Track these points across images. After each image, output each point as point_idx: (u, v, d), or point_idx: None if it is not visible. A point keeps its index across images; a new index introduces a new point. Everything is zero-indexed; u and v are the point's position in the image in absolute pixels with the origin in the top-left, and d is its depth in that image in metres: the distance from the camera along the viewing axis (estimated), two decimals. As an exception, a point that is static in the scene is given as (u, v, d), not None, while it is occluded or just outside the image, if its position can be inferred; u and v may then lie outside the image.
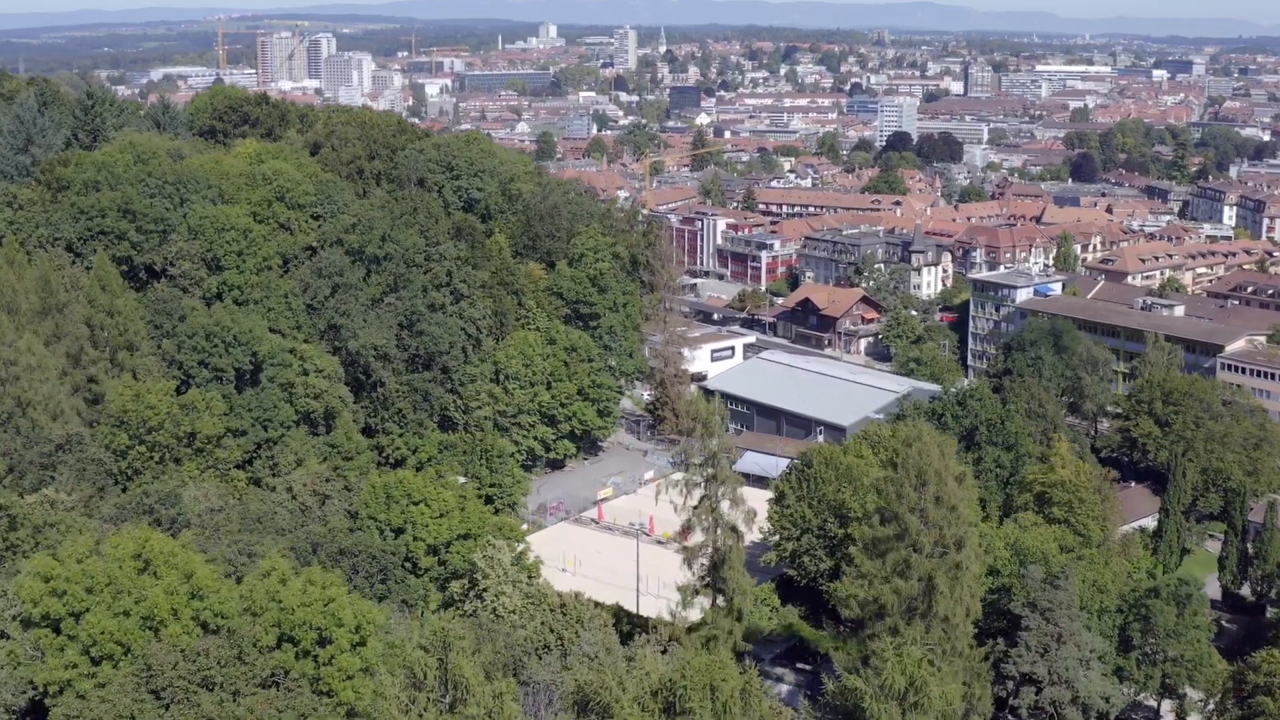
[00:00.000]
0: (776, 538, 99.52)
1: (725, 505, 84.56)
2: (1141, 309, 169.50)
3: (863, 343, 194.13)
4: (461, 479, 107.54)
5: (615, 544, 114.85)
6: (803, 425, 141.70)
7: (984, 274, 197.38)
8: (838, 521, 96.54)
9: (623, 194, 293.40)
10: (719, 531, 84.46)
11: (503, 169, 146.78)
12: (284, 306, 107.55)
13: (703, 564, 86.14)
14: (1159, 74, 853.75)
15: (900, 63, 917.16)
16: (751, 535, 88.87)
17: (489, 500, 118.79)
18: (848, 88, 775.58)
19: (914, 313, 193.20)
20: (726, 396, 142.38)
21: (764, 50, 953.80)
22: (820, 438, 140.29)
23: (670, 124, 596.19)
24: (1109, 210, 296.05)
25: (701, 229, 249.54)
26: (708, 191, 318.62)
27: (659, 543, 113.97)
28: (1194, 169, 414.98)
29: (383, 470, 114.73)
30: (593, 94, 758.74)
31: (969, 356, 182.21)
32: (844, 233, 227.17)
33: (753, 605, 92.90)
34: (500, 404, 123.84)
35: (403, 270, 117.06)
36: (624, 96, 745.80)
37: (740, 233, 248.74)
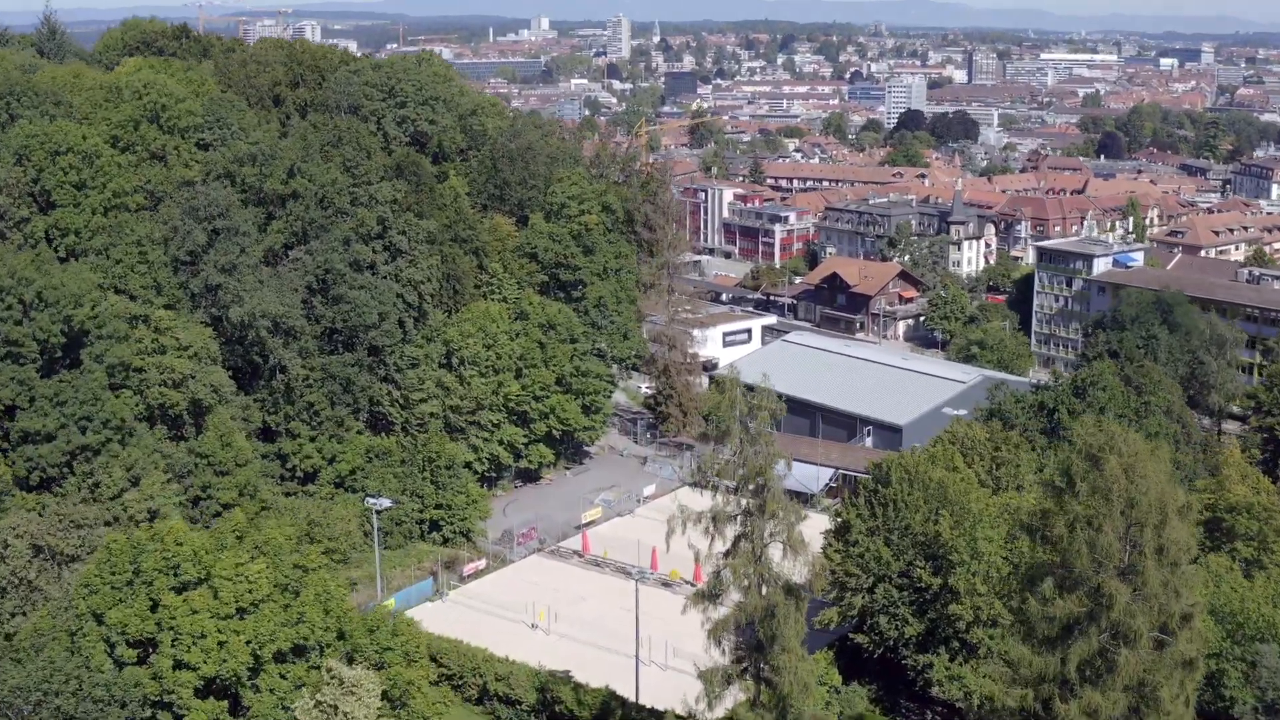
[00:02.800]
0: (837, 589, 68.73)
1: (776, 552, 54.07)
2: (1248, 281, 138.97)
3: (901, 325, 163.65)
4: (385, 501, 76.49)
5: (605, 586, 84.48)
6: (845, 425, 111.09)
7: (1053, 242, 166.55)
8: (930, 567, 65.90)
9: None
10: (765, 592, 53.70)
11: (463, 100, 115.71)
12: (136, 258, 76.50)
13: (739, 640, 55.57)
14: (1167, 62, 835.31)
15: (900, 52, 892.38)
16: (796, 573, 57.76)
17: (435, 527, 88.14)
18: (848, 76, 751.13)
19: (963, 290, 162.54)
20: (745, 389, 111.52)
21: (760, 41, 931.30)
22: (869, 440, 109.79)
23: (666, 109, 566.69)
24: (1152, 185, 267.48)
25: (705, 201, 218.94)
26: (708, 167, 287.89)
27: (665, 584, 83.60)
28: (1225, 150, 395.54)
29: (287, 486, 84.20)
30: (585, 81, 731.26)
31: (1033, 340, 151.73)
32: (870, 202, 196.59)
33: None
34: (452, 397, 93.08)
35: (316, 215, 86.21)
36: (617, 84, 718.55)
37: (749, 204, 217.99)
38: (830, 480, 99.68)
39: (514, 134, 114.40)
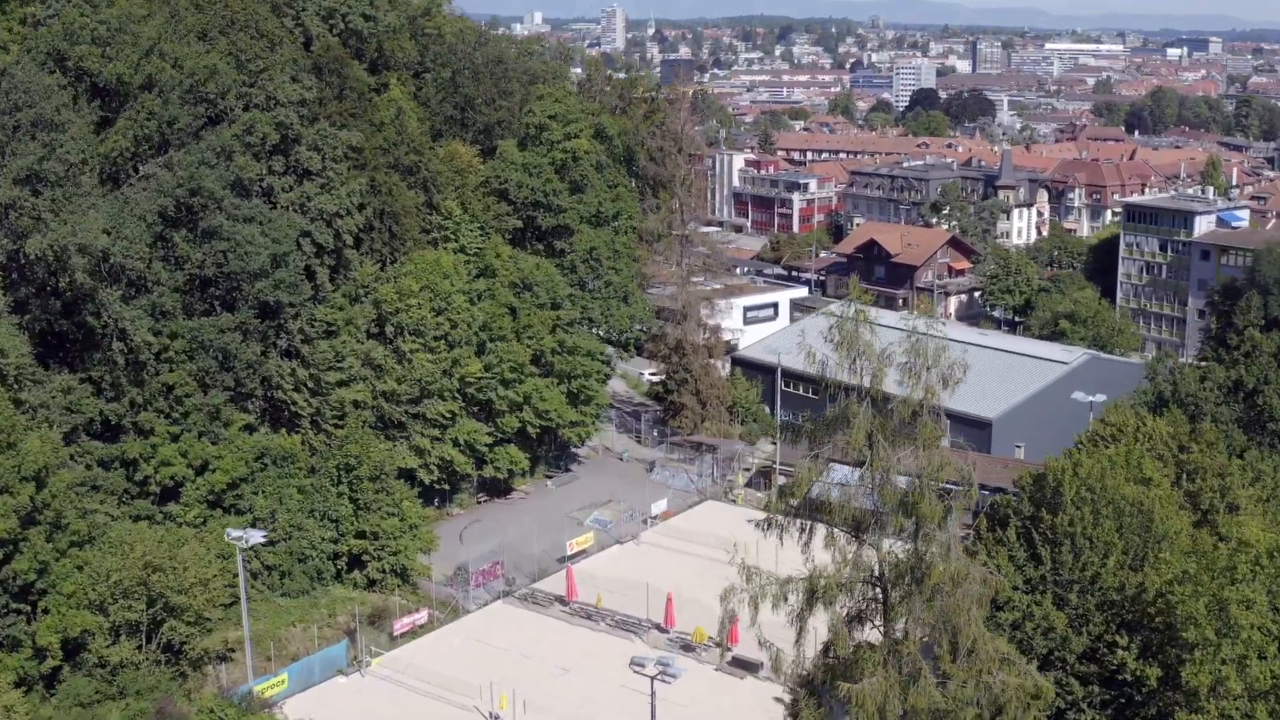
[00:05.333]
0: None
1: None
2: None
3: (952, 301, 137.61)
4: (256, 535, 49.90)
5: (600, 649, 58.50)
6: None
7: (1144, 199, 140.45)
8: (1136, 645, 39.71)
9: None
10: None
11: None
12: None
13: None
14: (1174, 52, 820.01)
15: (900, 44, 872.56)
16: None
17: (356, 563, 62.11)
18: (848, 66, 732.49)
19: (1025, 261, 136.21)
20: (786, 374, 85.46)
21: (757, 34, 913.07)
22: (946, 439, 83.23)
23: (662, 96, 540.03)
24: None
25: (713, 168, 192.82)
26: (711, 142, 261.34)
27: (686, 648, 57.97)
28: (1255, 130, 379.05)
29: (137, 506, 58.04)
30: (579, 71, 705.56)
31: (1116, 315, 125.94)
32: (905, 165, 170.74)
33: None
34: (386, 379, 66.87)
35: (181, 115, 59.85)
36: (612, 74, 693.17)
37: (763, 171, 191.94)
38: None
39: (479, 43, 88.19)
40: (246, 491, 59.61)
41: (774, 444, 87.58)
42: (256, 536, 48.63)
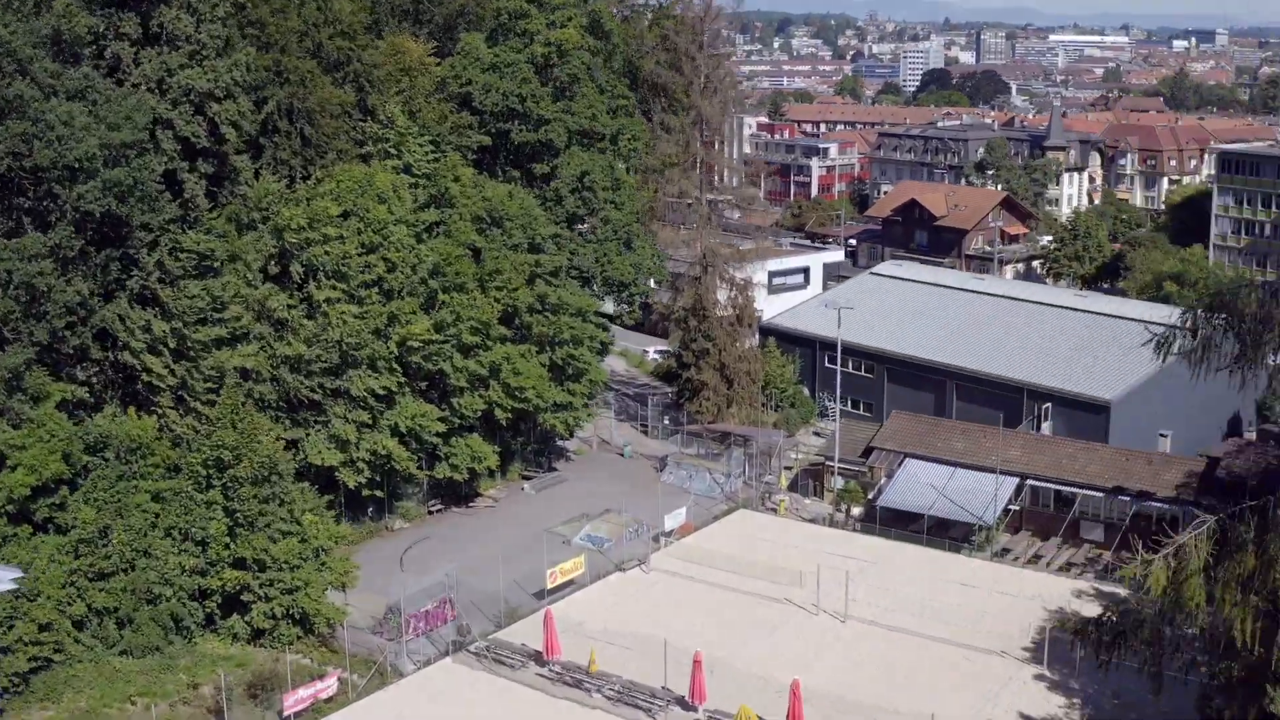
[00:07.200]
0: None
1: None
2: None
3: (1008, 270, 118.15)
4: (5, 577, 30.27)
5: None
6: (1001, 401, 65.15)
7: (1243, 146, 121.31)
8: None
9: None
10: None
11: None
12: None
13: None
14: (1180, 44, 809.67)
15: (901, 36, 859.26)
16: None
17: (236, 605, 42.43)
18: (849, 57, 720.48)
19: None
20: (847, 349, 65.68)
21: (755, 27, 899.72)
22: (1047, 425, 63.86)
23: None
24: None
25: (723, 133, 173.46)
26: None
27: (721, 733, 38.09)
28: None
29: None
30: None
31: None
32: (939, 125, 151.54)
33: None
34: (291, 341, 47.23)
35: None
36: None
37: (778, 136, 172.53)
38: (1012, 500, 54.27)
39: (440, -83, 68.54)
40: (69, 499, 40.08)
41: (819, 435, 68.38)
42: (5, 580, 28.85)
